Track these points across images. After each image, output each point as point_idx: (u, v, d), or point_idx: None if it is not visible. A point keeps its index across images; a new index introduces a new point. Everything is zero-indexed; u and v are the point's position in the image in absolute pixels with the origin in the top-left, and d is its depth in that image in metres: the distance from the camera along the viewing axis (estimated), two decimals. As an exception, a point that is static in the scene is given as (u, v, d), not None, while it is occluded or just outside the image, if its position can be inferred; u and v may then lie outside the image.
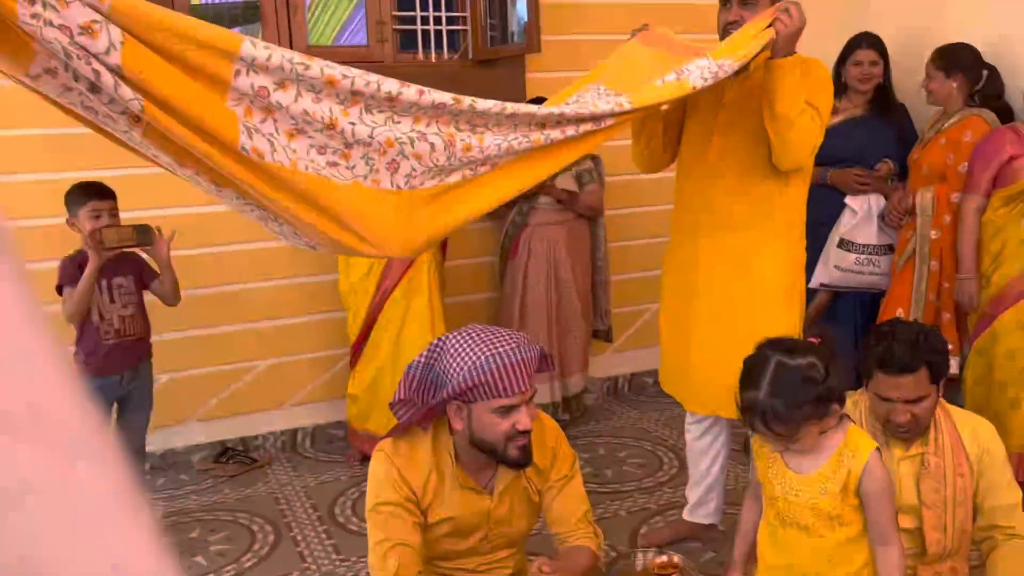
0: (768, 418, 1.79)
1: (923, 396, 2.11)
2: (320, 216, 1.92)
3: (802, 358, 1.79)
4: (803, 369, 1.78)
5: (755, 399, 1.80)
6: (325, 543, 3.43)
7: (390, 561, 1.94)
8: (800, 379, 1.77)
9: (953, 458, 2.19)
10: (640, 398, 5.12)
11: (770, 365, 1.80)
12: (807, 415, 1.79)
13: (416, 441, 2.08)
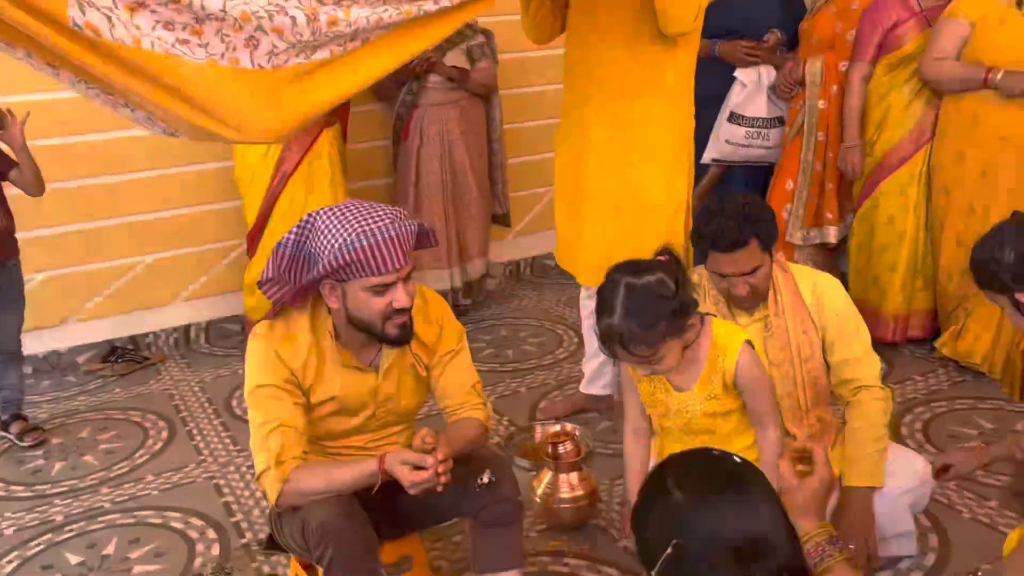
0: (626, 341, 1.77)
1: (757, 266, 2.16)
2: (173, 99, 1.77)
3: (650, 276, 1.78)
4: (653, 287, 1.77)
5: (611, 325, 1.78)
6: (222, 436, 3.37)
7: (271, 442, 1.90)
8: (652, 297, 1.77)
9: (795, 315, 2.26)
10: (542, 280, 5.14)
11: (620, 289, 1.78)
12: (664, 332, 1.76)
13: (293, 321, 2.01)
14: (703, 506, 1.12)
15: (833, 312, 2.28)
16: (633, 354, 1.80)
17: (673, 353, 1.82)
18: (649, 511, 1.17)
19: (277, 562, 2.53)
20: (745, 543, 1.09)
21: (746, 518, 1.11)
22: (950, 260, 3.47)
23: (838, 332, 2.27)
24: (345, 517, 1.84)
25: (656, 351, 1.79)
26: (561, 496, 2.58)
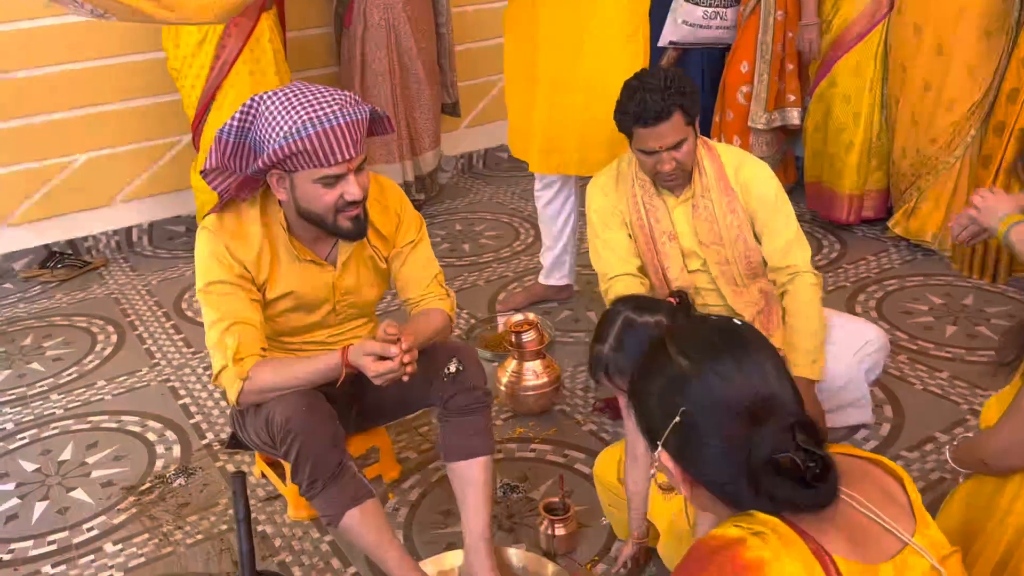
0: (611, 372, 1.75)
1: (682, 140, 2.14)
2: None
3: (650, 316, 1.74)
4: (649, 328, 1.73)
5: (600, 353, 1.76)
6: (174, 338, 3.28)
7: (228, 340, 1.83)
8: (645, 337, 1.72)
9: (721, 195, 2.25)
10: (495, 173, 5.04)
11: (618, 321, 1.76)
12: None
13: (243, 214, 1.90)
14: (709, 369, 1.07)
15: (761, 200, 2.25)
16: (617, 386, 1.78)
17: None
18: (651, 382, 1.13)
19: (241, 460, 2.51)
20: (755, 403, 1.05)
21: (753, 377, 1.07)
22: (904, 138, 3.46)
23: (767, 220, 2.25)
24: (310, 411, 1.80)
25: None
26: (526, 384, 2.58)
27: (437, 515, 2.25)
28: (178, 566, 2.12)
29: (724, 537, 1.04)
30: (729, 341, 1.10)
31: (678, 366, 1.09)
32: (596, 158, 2.79)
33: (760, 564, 0.99)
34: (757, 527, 1.03)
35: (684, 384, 1.08)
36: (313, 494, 1.80)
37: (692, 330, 1.16)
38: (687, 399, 1.07)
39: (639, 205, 2.29)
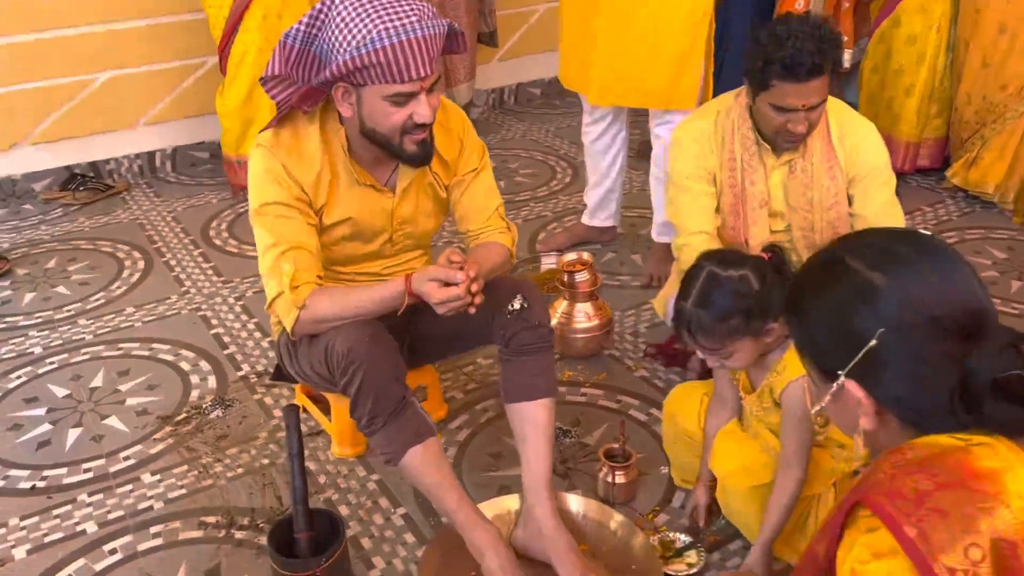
0: (694, 329, 1.65)
1: (823, 99, 1.96)
2: None
3: (735, 270, 1.64)
4: (734, 281, 1.63)
5: (683, 309, 1.66)
6: (203, 267, 3.17)
7: (284, 265, 1.71)
8: (729, 291, 1.62)
9: (823, 159, 2.09)
10: (527, 109, 4.87)
11: (702, 275, 1.66)
12: (734, 329, 1.62)
13: (301, 131, 1.77)
14: (911, 281, 0.94)
15: (866, 167, 2.09)
16: (699, 344, 1.67)
17: (745, 352, 1.68)
18: (828, 303, 0.99)
19: (280, 394, 2.41)
20: (966, 317, 0.92)
21: (961, 288, 0.94)
22: (972, 83, 3.30)
23: (867, 186, 2.10)
24: (373, 342, 1.69)
25: (723, 346, 1.66)
26: (576, 326, 2.47)
27: (487, 457, 2.16)
28: (220, 499, 2.04)
29: (937, 445, 0.92)
30: (926, 249, 0.97)
31: (868, 281, 0.95)
32: (658, 89, 2.64)
33: (994, 474, 0.87)
34: (977, 438, 0.91)
35: (879, 301, 0.94)
36: (374, 430, 1.70)
37: (873, 241, 1.01)
38: (883, 318, 0.94)
39: (737, 164, 2.11)
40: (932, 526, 0.85)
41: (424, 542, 1.89)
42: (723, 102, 2.16)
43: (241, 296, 2.95)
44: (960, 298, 0.93)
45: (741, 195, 2.12)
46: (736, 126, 2.11)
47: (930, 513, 0.86)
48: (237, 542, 1.91)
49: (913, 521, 0.86)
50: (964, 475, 0.87)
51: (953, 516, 0.85)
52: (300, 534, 1.71)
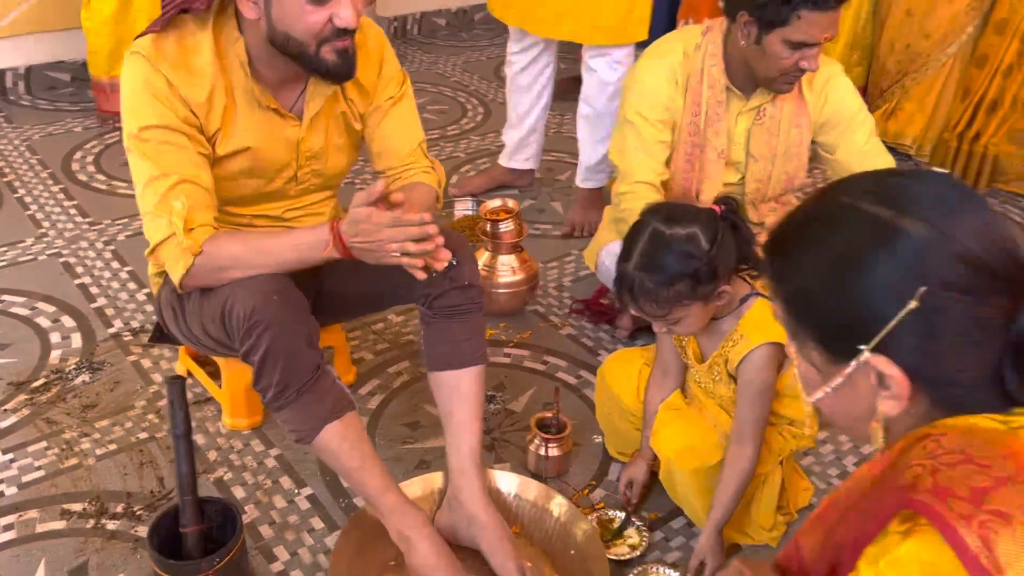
0: (636, 294, 1.45)
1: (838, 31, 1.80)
2: None
3: (682, 227, 1.43)
4: (681, 241, 1.42)
5: (625, 271, 1.46)
6: (64, 205, 2.75)
7: (175, 203, 1.40)
8: (674, 252, 1.42)
9: (792, 105, 1.93)
10: (433, 41, 4.54)
11: (645, 234, 1.45)
12: (681, 294, 1.44)
13: (188, 40, 1.44)
14: (950, 225, 0.75)
15: (841, 108, 1.94)
16: (643, 310, 1.47)
17: (693, 317, 1.48)
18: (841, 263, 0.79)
19: (160, 355, 2.09)
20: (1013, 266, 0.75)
21: (1001, 229, 0.77)
22: (895, 31, 3.21)
23: (844, 129, 1.94)
24: (282, 301, 1.41)
25: (669, 311, 1.46)
26: (499, 280, 2.25)
27: (402, 427, 1.93)
28: (88, 482, 1.73)
29: (977, 427, 0.76)
30: (957, 189, 0.78)
31: (900, 230, 0.75)
32: (612, 24, 2.42)
33: None
34: (1019, 420, 0.75)
35: (920, 253, 0.75)
36: (283, 403, 1.43)
37: (892, 183, 0.80)
38: (924, 274, 0.74)
39: (701, 110, 1.90)
40: (996, 533, 0.69)
41: (334, 528, 1.66)
42: (688, 39, 1.93)
43: (111, 240, 2.57)
44: (1005, 244, 0.76)
45: (701, 143, 1.92)
46: (706, 67, 1.89)
47: (992, 518, 0.70)
48: (109, 534, 1.62)
49: (974, 527, 0.70)
50: (1019, 467, 0.71)
51: (1018, 520, 0.69)
52: (187, 528, 1.44)
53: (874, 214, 0.77)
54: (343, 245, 1.42)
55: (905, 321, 0.75)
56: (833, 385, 0.83)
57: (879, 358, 0.77)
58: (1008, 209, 3.05)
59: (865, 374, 0.80)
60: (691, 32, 1.94)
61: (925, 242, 0.75)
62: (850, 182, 0.84)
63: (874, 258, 0.76)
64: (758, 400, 1.53)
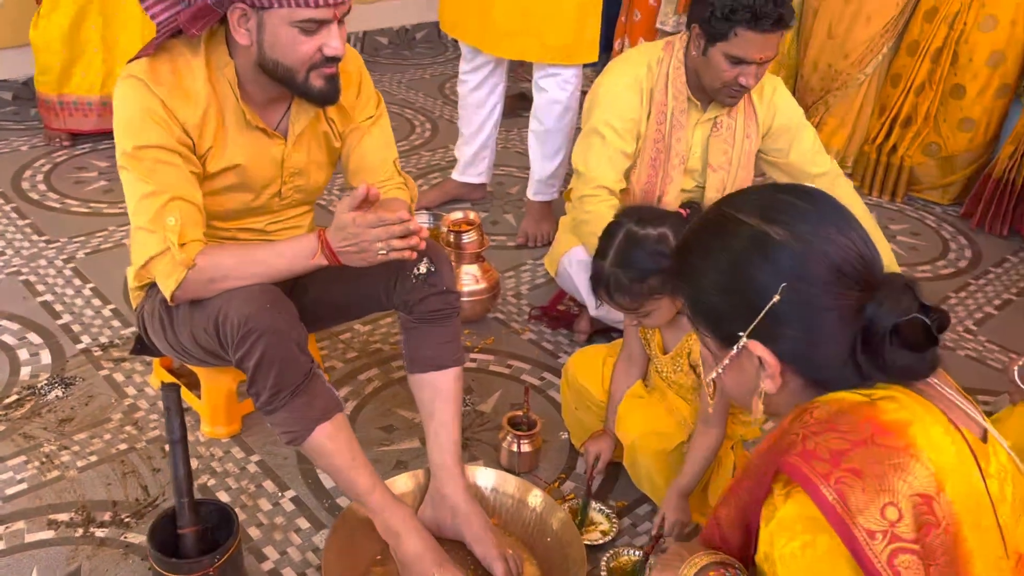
0: (612, 289, 1.60)
1: (776, 54, 1.95)
2: None
3: (654, 228, 1.58)
4: (652, 240, 1.57)
5: (601, 268, 1.61)
6: (19, 224, 2.75)
7: (169, 219, 1.47)
8: (647, 251, 1.57)
9: (744, 117, 2.11)
10: (376, 59, 4.63)
11: (620, 234, 1.60)
12: (653, 288, 1.57)
13: (182, 64, 1.51)
14: (811, 234, 0.91)
15: (787, 119, 2.14)
16: (617, 303, 1.61)
17: (662, 311, 1.63)
18: (721, 262, 0.95)
19: (132, 369, 2.13)
20: (861, 266, 0.91)
21: (856, 239, 0.92)
22: (818, 52, 3.44)
23: (793, 136, 2.15)
24: (275, 309, 1.49)
25: (641, 305, 1.61)
26: (464, 289, 2.35)
27: (378, 431, 2.01)
28: (72, 493, 1.76)
29: (844, 401, 0.91)
30: (816, 201, 0.95)
31: (765, 234, 0.92)
32: (562, 44, 2.55)
33: (902, 425, 0.86)
34: (880, 392, 0.90)
35: (779, 254, 0.91)
36: (276, 407, 1.51)
37: (762, 196, 0.97)
38: (783, 272, 0.90)
39: (666, 118, 2.06)
40: (849, 487, 0.84)
41: (320, 527, 1.73)
42: (651, 52, 2.10)
43: (71, 258, 2.58)
44: (856, 247, 0.92)
45: (665, 150, 2.08)
46: (671, 78, 2.06)
47: (847, 474, 0.85)
48: (99, 541, 1.66)
49: (831, 483, 0.85)
50: (873, 431, 0.87)
51: (868, 475, 0.85)
52: (185, 529, 1.50)
53: (749, 224, 0.94)
54: (331, 251, 1.51)
55: (775, 313, 0.91)
56: (722, 366, 0.99)
57: (754, 343, 0.94)
58: (923, 215, 3.30)
59: (749, 357, 0.96)
60: (653, 48, 2.11)
61: (787, 245, 0.91)
62: (736, 197, 1.01)
63: (746, 260, 0.93)
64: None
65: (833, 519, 0.84)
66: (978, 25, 3.08)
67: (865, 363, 0.91)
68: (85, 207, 2.88)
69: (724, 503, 1.07)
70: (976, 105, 3.15)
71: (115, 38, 3.08)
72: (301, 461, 1.88)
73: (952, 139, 3.23)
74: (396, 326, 2.33)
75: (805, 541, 0.86)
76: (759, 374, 0.96)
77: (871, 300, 0.90)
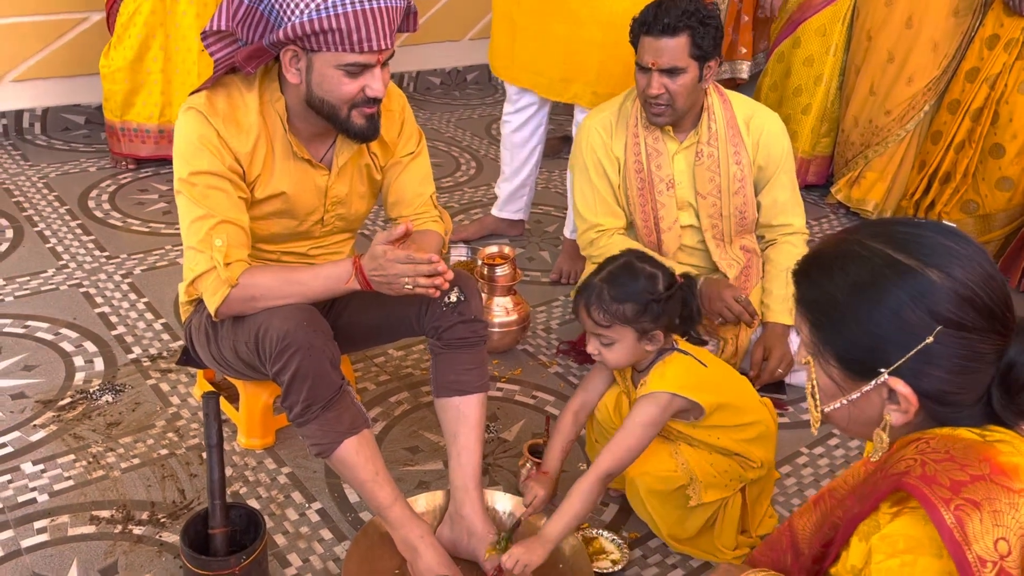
0: (591, 301, 1.67)
1: (679, 69, 2.07)
2: None
3: (650, 267, 1.68)
4: (645, 275, 1.66)
5: (590, 282, 1.70)
6: (83, 239, 2.92)
7: (216, 240, 1.59)
8: (636, 281, 1.65)
9: (729, 144, 2.20)
10: (428, 98, 4.80)
11: (620, 260, 1.71)
12: (626, 315, 1.65)
13: (236, 97, 1.65)
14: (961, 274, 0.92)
15: (770, 154, 2.24)
16: (591, 317, 1.68)
17: (623, 347, 1.69)
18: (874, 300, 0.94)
19: (177, 380, 2.25)
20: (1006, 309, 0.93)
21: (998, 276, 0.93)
22: (859, 108, 3.50)
23: (772, 175, 2.25)
24: (311, 327, 1.60)
25: (610, 327, 1.67)
26: (494, 320, 2.44)
27: (403, 451, 2.09)
28: (114, 492, 1.87)
29: (959, 438, 0.93)
30: (962, 240, 0.95)
31: (922, 275, 0.92)
32: (610, 91, 2.65)
33: (1017, 470, 0.89)
34: (992, 435, 0.93)
35: (936, 296, 0.92)
36: (307, 419, 1.61)
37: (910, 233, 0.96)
38: (940, 315, 0.92)
39: (641, 148, 2.19)
40: (968, 515, 0.87)
41: (342, 538, 1.81)
42: (629, 91, 2.27)
43: (128, 273, 2.73)
44: (1001, 290, 0.94)
45: (648, 178, 2.19)
46: (640, 112, 2.21)
47: (966, 503, 0.87)
48: (136, 538, 1.76)
49: (951, 508, 0.87)
50: (992, 469, 0.89)
51: (985, 509, 0.87)
52: (216, 530, 1.59)
53: (893, 257, 0.94)
54: (364, 277, 1.61)
55: (926, 352, 0.93)
56: (851, 398, 1.00)
57: (896, 380, 0.95)
58: (960, 272, 3.31)
59: (879, 390, 0.97)
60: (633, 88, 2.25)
61: (938, 285, 0.92)
62: (869, 227, 1.00)
63: (895, 296, 0.93)
64: (636, 429, 1.67)
65: (950, 542, 0.86)
66: (1019, 87, 3.11)
67: (1000, 405, 0.94)
68: (145, 227, 3.05)
69: (804, 514, 1.10)
70: (1015, 165, 3.17)
71: (174, 71, 3.28)
72: (329, 475, 1.97)
73: (990, 198, 3.25)
74: (427, 352, 2.42)
75: (905, 560, 0.89)
76: (884, 406, 0.98)
77: (1015, 344, 0.93)
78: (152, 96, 3.29)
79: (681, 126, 2.22)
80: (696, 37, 2.05)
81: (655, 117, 2.16)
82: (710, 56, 2.10)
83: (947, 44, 3.24)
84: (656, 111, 2.14)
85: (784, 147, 2.26)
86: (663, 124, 2.18)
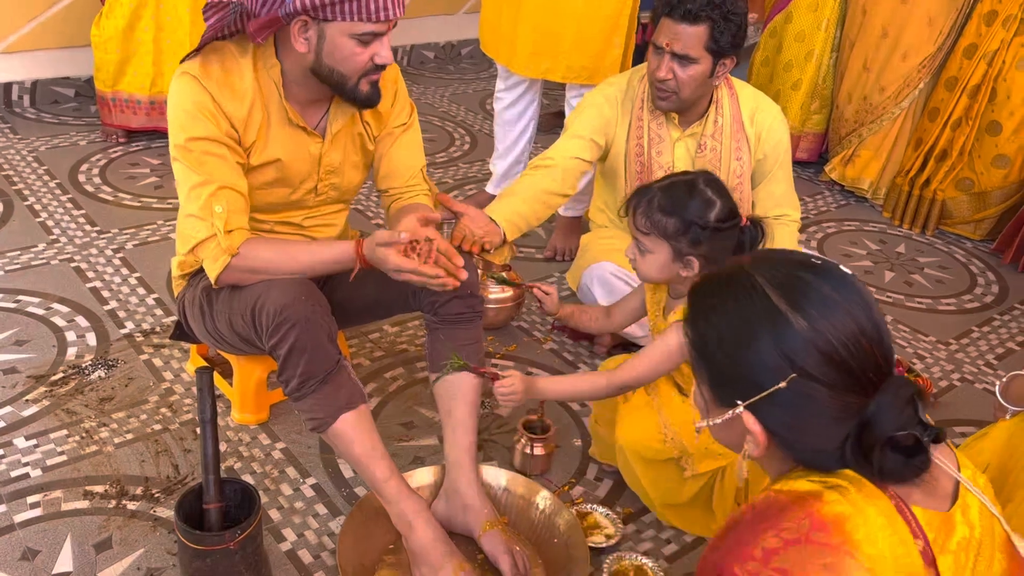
0: (640, 202, 1.67)
1: (691, 58, 2.03)
2: None
3: (714, 195, 1.64)
4: (702, 200, 1.63)
5: (650, 185, 1.69)
6: (73, 214, 2.89)
7: (216, 206, 1.57)
8: (693, 200, 1.63)
9: (732, 141, 2.18)
10: (421, 72, 4.75)
11: (689, 176, 1.68)
12: (665, 229, 1.64)
13: (230, 63, 1.63)
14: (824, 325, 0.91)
15: (772, 148, 2.22)
16: (634, 217, 1.68)
17: (656, 258, 1.68)
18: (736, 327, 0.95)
19: (170, 355, 2.24)
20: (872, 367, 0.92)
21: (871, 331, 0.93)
22: (853, 84, 3.48)
23: (771, 168, 2.23)
24: (309, 301, 1.59)
25: (648, 236, 1.67)
26: (489, 296, 2.43)
27: (398, 427, 2.09)
28: (108, 467, 1.87)
29: (795, 491, 0.92)
30: (842, 288, 0.94)
31: (785, 318, 0.93)
32: (584, 64, 2.63)
33: (840, 520, 0.88)
34: (833, 480, 0.92)
35: (795, 343, 0.92)
36: (304, 393, 1.60)
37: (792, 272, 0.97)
38: (795, 362, 0.92)
39: (644, 131, 2.17)
40: None
41: (337, 513, 1.81)
42: (638, 70, 2.23)
43: (120, 248, 2.71)
44: (870, 346, 0.93)
45: (648, 163, 2.17)
46: (647, 94, 2.17)
47: (774, 573, 0.86)
48: (130, 513, 1.76)
49: None
50: (811, 527, 0.88)
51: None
52: (210, 505, 1.59)
53: (770, 300, 0.94)
54: (364, 261, 1.61)
55: (775, 394, 0.93)
56: (713, 422, 1.02)
57: (748, 415, 0.96)
58: (953, 249, 3.31)
59: (739, 421, 0.98)
60: (643, 66, 2.23)
61: (799, 334, 0.92)
62: (767, 263, 0.99)
63: (761, 338, 0.93)
64: (653, 355, 1.68)
65: None
66: (1017, 63, 3.09)
67: (852, 459, 0.93)
68: (136, 201, 3.02)
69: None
70: (1012, 142, 3.17)
71: (164, 41, 3.24)
72: (323, 450, 1.97)
73: (986, 175, 3.25)
74: (422, 329, 2.41)
75: None
76: (745, 436, 0.98)
77: (872, 404, 0.91)
78: (143, 66, 3.25)
79: (687, 115, 2.19)
80: (715, 30, 2.01)
81: (659, 101, 2.13)
82: (726, 53, 2.06)
83: (942, 20, 3.22)
84: (661, 95, 2.11)
85: (784, 141, 2.25)
86: (666, 110, 2.15)
